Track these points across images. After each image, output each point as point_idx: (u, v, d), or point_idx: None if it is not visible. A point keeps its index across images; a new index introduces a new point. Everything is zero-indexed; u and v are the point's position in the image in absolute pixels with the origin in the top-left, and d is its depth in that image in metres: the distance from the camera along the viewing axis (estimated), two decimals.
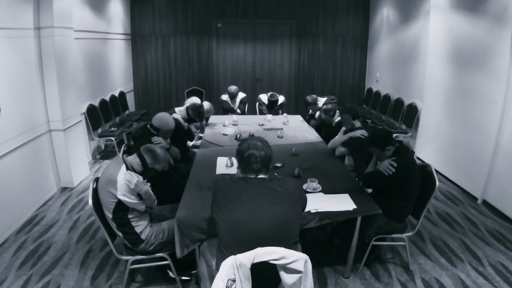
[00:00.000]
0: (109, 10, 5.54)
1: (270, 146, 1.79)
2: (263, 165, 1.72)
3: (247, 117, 4.78)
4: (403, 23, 5.49)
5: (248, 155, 1.71)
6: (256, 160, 1.70)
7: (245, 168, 1.74)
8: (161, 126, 2.87)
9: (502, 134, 3.35)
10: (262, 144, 1.75)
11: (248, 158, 1.71)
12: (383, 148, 2.33)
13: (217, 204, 1.68)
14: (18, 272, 2.52)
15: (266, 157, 1.72)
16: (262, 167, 1.72)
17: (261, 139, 1.80)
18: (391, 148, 2.34)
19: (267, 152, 1.74)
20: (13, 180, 3.11)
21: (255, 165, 1.71)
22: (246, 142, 1.78)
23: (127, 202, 2.03)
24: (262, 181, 1.70)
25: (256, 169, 1.72)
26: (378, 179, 2.32)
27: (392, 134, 2.45)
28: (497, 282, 2.42)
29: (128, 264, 2.23)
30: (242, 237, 1.57)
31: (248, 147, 1.73)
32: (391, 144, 2.33)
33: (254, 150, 1.71)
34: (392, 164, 2.25)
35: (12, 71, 3.13)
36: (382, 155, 2.36)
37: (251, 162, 1.71)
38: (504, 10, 3.26)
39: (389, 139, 2.34)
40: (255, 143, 1.74)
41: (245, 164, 1.73)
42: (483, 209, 3.50)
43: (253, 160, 1.70)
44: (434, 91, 4.54)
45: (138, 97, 6.98)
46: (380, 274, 2.52)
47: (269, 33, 6.83)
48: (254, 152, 1.70)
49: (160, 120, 2.88)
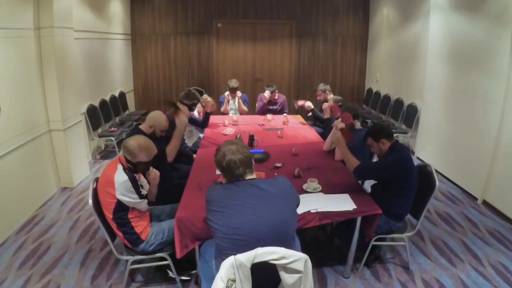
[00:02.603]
0: (109, 10, 5.54)
1: (245, 146, 1.76)
2: (245, 167, 1.69)
3: (247, 117, 4.78)
4: (403, 23, 5.49)
5: (226, 163, 1.68)
6: (236, 164, 1.67)
7: (229, 176, 1.72)
8: (154, 125, 2.81)
9: (502, 134, 3.34)
10: (236, 146, 1.71)
11: (228, 165, 1.68)
12: (377, 139, 2.35)
13: (211, 212, 1.67)
14: (18, 272, 2.52)
15: (244, 158, 1.69)
16: (245, 169, 1.69)
17: (233, 142, 1.76)
18: (386, 142, 2.34)
19: (244, 153, 1.70)
20: (13, 180, 3.11)
21: (237, 170, 1.68)
22: (220, 151, 1.74)
23: (127, 201, 2.03)
24: (252, 182, 1.68)
25: (240, 173, 1.69)
26: (373, 169, 2.35)
27: (389, 129, 2.44)
28: (497, 282, 2.42)
29: (128, 264, 2.23)
30: (239, 242, 1.57)
31: (224, 155, 1.69)
32: (386, 138, 2.34)
33: (231, 155, 1.68)
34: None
35: (12, 71, 3.13)
36: (378, 149, 2.38)
37: (232, 169, 1.68)
38: (504, 10, 3.26)
39: (384, 132, 2.36)
40: (229, 148, 1.70)
41: (227, 173, 1.71)
42: (483, 209, 3.50)
43: (233, 166, 1.67)
44: (434, 91, 4.54)
45: (138, 97, 6.98)
46: (380, 274, 2.52)
47: (269, 33, 6.83)
48: (231, 158, 1.67)
49: (152, 119, 2.82)
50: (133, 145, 2.07)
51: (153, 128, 2.73)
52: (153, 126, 2.73)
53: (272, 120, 4.56)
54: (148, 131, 2.71)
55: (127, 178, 2.02)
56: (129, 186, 2.02)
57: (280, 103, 5.01)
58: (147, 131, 2.70)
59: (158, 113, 2.81)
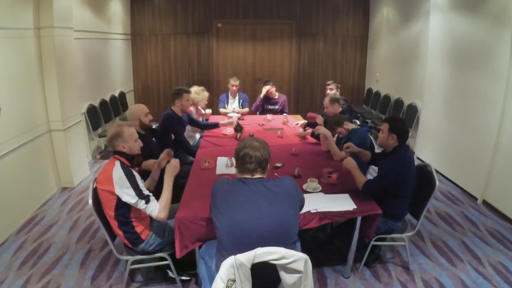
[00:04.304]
0: (109, 10, 5.54)
1: (268, 148, 1.77)
2: (257, 165, 1.70)
3: (247, 117, 4.78)
4: (403, 23, 5.49)
5: (243, 154, 1.71)
6: (251, 159, 1.69)
7: (240, 167, 1.74)
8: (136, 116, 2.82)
9: (502, 134, 3.34)
10: (259, 144, 1.74)
11: (243, 157, 1.71)
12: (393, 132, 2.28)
13: (215, 206, 1.68)
14: (18, 272, 2.52)
15: (261, 157, 1.70)
16: (257, 167, 1.71)
17: (259, 140, 1.79)
18: (396, 140, 2.28)
19: (263, 153, 1.72)
20: (13, 180, 3.11)
21: (250, 164, 1.70)
22: (244, 141, 1.78)
23: (125, 198, 1.96)
24: (260, 181, 1.69)
25: (251, 169, 1.70)
26: (376, 180, 2.28)
27: (407, 133, 2.37)
28: (497, 282, 2.42)
29: (128, 264, 2.23)
30: (241, 239, 1.57)
31: (244, 146, 1.73)
32: (400, 137, 2.28)
33: (250, 149, 1.70)
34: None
35: (12, 71, 3.13)
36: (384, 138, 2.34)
37: (245, 162, 1.70)
38: (504, 10, 3.26)
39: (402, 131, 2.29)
40: (251, 143, 1.73)
41: (240, 163, 1.73)
42: (483, 209, 3.50)
43: (247, 160, 1.69)
44: (434, 91, 4.54)
45: (138, 97, 6.98)
46: (380, 274, 2.52)
47: (269, 33, 6.83)
48: (249, 152, 1.70)
49: (131, 114, 2.85)
50: (111, 128, 2.12)
51: (138, 120, 2.81)
52: (137, 118, 2.81)
53: (272, 120, 4.56)
54: (137, 128, 2.71)
55: (123, 173, 1.98)
56: (124, 180, 1.96)
57: (281, 103, 4.99)
58: (137, 128, 2.72)
59: (132, 107, 2.98)
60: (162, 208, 2.01)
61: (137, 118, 2.81)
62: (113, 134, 2.10)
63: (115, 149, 2.12)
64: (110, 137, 2.10)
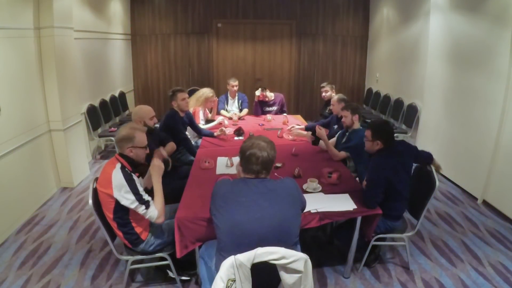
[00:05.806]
0: (109, 10, 5.54)
1: (274, 148, 1.74)
2: (263, 167, 1.67)
3: (247, 117, 4.78)
4: (403, 23, 5.49)
5: (249, 154, 1.67)
6: (257, 161, 1.65)
7: (244, 168, 1.71)
8: (141, 118, 2.81)
9: (502, 134, 3.34)
10: (266, 145, 1.69)
11: (249, 157, 1.67)
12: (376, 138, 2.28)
13: (216, 206, 1.66)
14: (18, 272, 2.52)
15: (267, 158, 1.67)
16: (262, 169, 1.67)
17: (266, 140, 1.74)
18: (380, 144, 2.28)
19: (270, 154, 1.68)
20: (13, 180, 3.11)
21: (255, 166, 1.66)
22: (250, 140, 1.73)
23: (124, 203, 1.95)
24: (260, 181, 1.68)
25: (256, 170, 1.67)
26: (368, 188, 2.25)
27: (392, 138, 2.35)
28: (497, 282, 2.42)
29: (128, 264, 2.23)
30: (241, 239, 1.57)
31: (251, 146, 1.68)
32: (383, 142, 2.27)
33: (257, 150, 1.66)
34: None
35: (12, 71, 3.13)
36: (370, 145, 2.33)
37: (251, 162, 1.66)
38: (504, 10, 3.26)
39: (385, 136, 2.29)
40: (259, 143, 1.68)
41: (244, 163, 1.70)
42: (483, 209, 3.50)
43: (253, 161, 1.66)
44: (434, 91, 4.54)
45: (138, 97, 6.98)
46: (380, 274, 2.52)
47: (269, 33, 6.83)
48: (255, 152, 1.65)
49: (136, 115, 2.84)
50: (124, 128, 2.06)
51: (143, 121, 2.78)
52: (141, 120, 2.79)
53: (272, 120, 4.55)
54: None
55: (122, 177, 1.95)
56: (124, 185, 1.93)
57: (278, 102, 4.97)
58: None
59: (137, 107, 2.92)
60: (159, 213, 2.04)
61: (141, 119, 2.79)
62: (124, 135, 2.05)
63: (122, 151, 2.07)
64: (121, 138, 2.05)
